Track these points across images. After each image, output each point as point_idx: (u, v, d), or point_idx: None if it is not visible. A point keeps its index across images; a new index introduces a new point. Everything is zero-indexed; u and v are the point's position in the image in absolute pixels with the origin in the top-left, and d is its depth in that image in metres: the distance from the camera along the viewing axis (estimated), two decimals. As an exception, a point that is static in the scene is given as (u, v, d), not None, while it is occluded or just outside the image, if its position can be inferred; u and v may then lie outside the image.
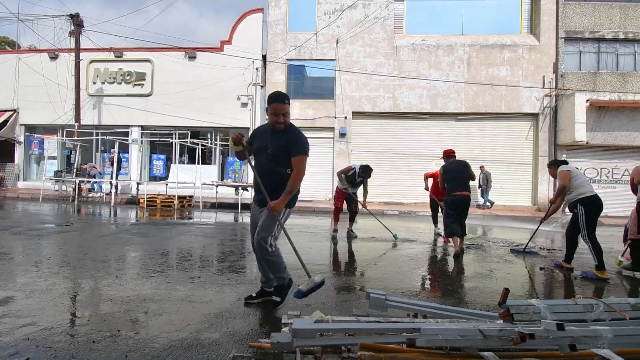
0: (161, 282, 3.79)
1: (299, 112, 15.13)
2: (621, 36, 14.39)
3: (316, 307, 2.92)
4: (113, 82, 16.03)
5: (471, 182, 6.02)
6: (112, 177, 13.41)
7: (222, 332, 2.55)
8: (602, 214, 4.86)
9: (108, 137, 13.88)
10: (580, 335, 1.36)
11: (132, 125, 15.78)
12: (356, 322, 1.72)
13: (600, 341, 1.35)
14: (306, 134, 13.25)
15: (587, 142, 13.48)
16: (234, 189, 13.72)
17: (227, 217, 10.35)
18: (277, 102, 2.89)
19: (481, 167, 13.61)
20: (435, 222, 7.91)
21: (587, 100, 13.16)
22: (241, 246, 6.10)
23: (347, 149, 15.02)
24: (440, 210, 7.76)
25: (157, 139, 15.08)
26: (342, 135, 15.01)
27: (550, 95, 14.21)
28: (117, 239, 6.24)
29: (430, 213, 8.24)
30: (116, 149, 13.34)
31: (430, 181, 7.80)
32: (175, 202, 11.71)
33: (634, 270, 4.86)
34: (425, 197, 8.73)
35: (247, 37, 15.20)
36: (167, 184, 13.07)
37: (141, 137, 15.55)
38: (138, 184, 13.14)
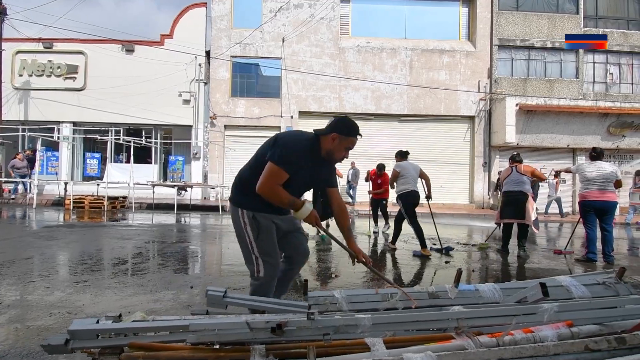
0: (38, 287, 3.49)
1: (245, 110, 14.86)
2: (549, 45, 15.46)
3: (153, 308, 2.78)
4: (42, 75, 14.85)
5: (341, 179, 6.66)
6: (28, 177, 12.40)
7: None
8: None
9: (35, 133, 12.82)
10: (342, 324, 1.35)
11: (62, 122, 14.69)
12: (156, 321, 1.61)
13: (360, 329, 1.34)
14: (252, 133, 13.22)
15: (517, 144, 14.34)
16: (175, 189, 13.17)
17: (158, 218, 9.88)
18: (356, 136, 2.25)
19: (352, 163, 13.45)
20: (375, 221, 8.03)
21: (516, 105, 14.01)
22: (153, 248, 5.80)
23: (293, 149, 14.91)
24: (380, 209, 7.92)
25: (90, 136, 14.14)
26: (288, 134, 14.88)
27: (485, 99, 14.98)
28: (18, 242, 5.72)
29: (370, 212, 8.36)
30: (39, 146, 12.33)
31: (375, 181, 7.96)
32: (105, 203, 11.01)
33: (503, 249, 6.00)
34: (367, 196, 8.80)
35: (189, 31, 14.68)
36: (98, 184, 12.28)
37: (73, 134, 14.53)
38: (66, 184, 12.22)
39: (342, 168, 14.43)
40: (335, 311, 1.52)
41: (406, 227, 6.10)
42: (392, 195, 6.49)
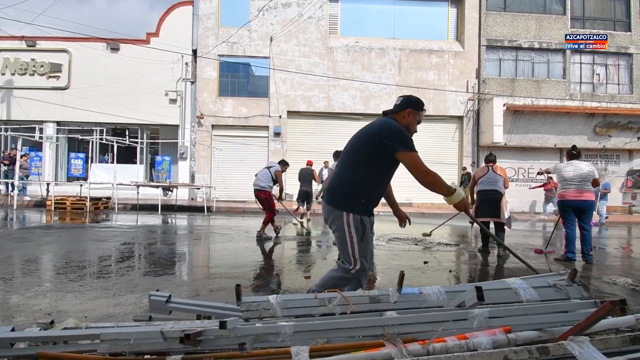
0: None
1: (232, 110, 14.73)
2: (536, 45, 15.53)
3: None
4: (24, 74, 14.59)
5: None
6: (7, 177, 12.19)
7: None
8: (519, 210, 5.48)
9: (18, 133, 12.58)
10: (262, 332, 1.27)
11: (46, 121, 14.44)
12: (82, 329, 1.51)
13: (281, 337, 1.26)
14: (240, 133, 13.09)
15: (505, 144, 14.38)
16: (161, 190, 12.99)
17: (140, 219, 9.72)
18: (424, 109, 2.52)
19: (325, 162, 13.34)
20: None
21: (504, 105, 14.04)
22: (127, 250, 5.67)
23: (282, 149, 14.83)
24: None
25: (73, 136, 13.91)
26: (277, 134, 14.80)
27: (473, 100, 15.00)
28: (-14, 244, 5.56)
29: None
30: (19, 146, 12.08)
31: None
32: (88, 204, 10.82)
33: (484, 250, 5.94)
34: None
35: (175, 30, 14.52)
36: (81, 185, 12.07)
37: (57, 134, 14.30)
38: (48, 184, 12.00)
39: (298, 166, 14.12)
40: (270, 317, 1.44)
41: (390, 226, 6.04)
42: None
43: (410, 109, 2.40)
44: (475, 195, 6.27)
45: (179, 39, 14.30)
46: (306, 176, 9.55)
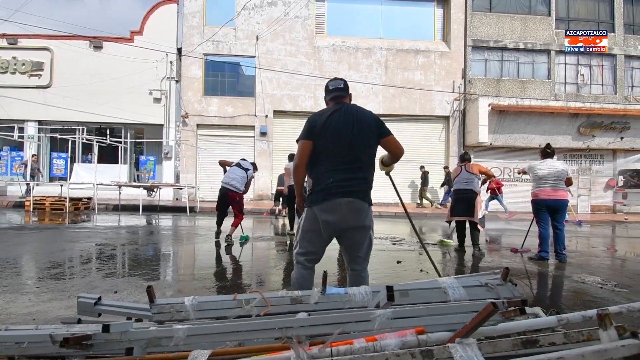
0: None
1: (218, 109, 14.61)
2: (521, 46, 15.63)
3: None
4: (5, 72, 14.33)
5: None
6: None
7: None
8: (503, 209, 5.63)
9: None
10: (155, 336, 1.21)
11: (27, 120, 14.20)
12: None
13: (174, 341, 1.21)
14: (225, 132, 13.08)
15: (490, 144, 14.44)
16: (145, 190, 12.82)
17: (121, 220, 9.58)
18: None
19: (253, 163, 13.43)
20: None
21: (489, 105, 14.10)
22: (96, 251, 5.55)
23: (268, 148, 14.75)
24: None
25: (52, 135, 13.68)
26: (263, 134, 14.71)
27: (459, 100, 15.05)
28: (-49, 246, 5.41)
29: None
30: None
31: None
32: (67, 204, 10.64)
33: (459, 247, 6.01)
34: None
35: (160, 28, 14.36)
36: (62, 185, 11.87)
37: (38, 133, 14.06)
38: (27, 184, 11.79)
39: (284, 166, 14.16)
40: (182, 320, 1.38)
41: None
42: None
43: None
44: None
45: (163, 38, 14.14)
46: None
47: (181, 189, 13.29)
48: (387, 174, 2.87)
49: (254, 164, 6.93)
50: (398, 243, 6.69)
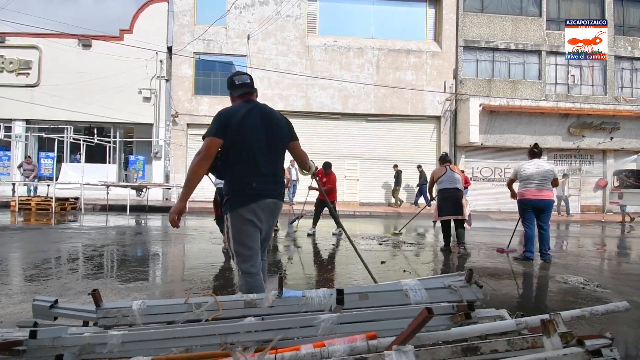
0: None
1: (208, 108, 14.50)
2: (512, 47, 15.68)
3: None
4: (-7, 70, 14.13)
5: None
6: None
7: None
8: (495, 209, 5.62)
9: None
10: (87, 342, 1.16)
11: (15, 119, 14.00)
12: None
13: (108, 348, 1.16)
14: None
15: (481, 144, 14.47)
16: (134, 190, 12.69)
17: (105, 220, 9.46)
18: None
19: (291, 162, 13.43)
20: (315, 222, 7.69)
21: (480, 105, 14.12)
22: (75, 252, 5.45)
23: (259, 148, 14.64)
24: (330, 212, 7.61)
25: (38, 134, 13.50)
26: (254, 133, 14.60)
27: (450, 100, 15.07)
28: None
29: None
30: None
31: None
32: (53, 204, 10.49)
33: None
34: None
35: (150, 26, 14.24)
36: (48, 185, 11.71)
37: (26, 132, 13.86)
38: (14, 184, 11.62)
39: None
40: (128, 325, 1.32)
41: (360, 226, 5.95)
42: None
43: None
44: (435, 195, 6.28)
45: (153, 36, 14.02)
46: None
47: (170, 188, 13.17)
48: (312, 177, 2.90)
49: None
50: (385, 243, 6.66)
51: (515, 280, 4.51)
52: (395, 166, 14.26)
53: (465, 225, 5.98)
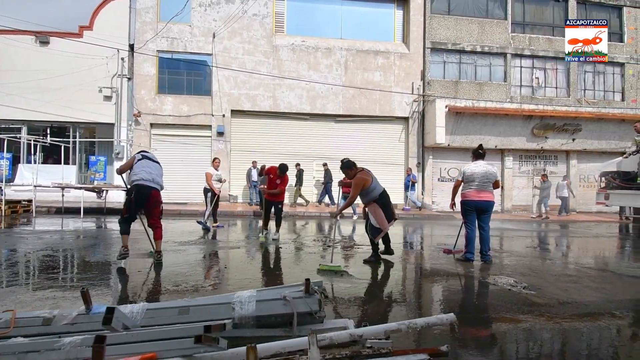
0: None
1: (172, 108, 14.18)
2: (479, 49, 15.91)
3: None
4: (-58, 67, 13.42)
5: None
6: None
7: None
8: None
9: None
10: None
11: (-33, 119, 13.35)
12: None
13: None
14: (181, 132, 12.87)
15: (448, 145, 14.63)
16: (92, 191, 12.24)
17: (57, 224, 9.08)
18: None
19: (253, 162, 13.64)
20: (265, 224, 7.40)
21: (446, 106, 14.26)
22: (4, 259, 5.17)
23: (226, 148, 14.42)
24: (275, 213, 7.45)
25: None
26: (220, 134, 14.37)
27: (418, 101, 15.18)
28: None
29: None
30: None
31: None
32: (3, 207, 10.03)
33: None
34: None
35: (111, 23, 13.79)
36: (0, 187, 11.17)
37: (-22, 133, 13.20)
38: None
39: (243, 167, 14.15)
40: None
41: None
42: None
43: None
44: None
45: (114, 34, 13.57)
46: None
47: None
48: None
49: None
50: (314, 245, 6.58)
51: (447, 282, 4.47)
52: (297, 165, 13.68)
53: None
